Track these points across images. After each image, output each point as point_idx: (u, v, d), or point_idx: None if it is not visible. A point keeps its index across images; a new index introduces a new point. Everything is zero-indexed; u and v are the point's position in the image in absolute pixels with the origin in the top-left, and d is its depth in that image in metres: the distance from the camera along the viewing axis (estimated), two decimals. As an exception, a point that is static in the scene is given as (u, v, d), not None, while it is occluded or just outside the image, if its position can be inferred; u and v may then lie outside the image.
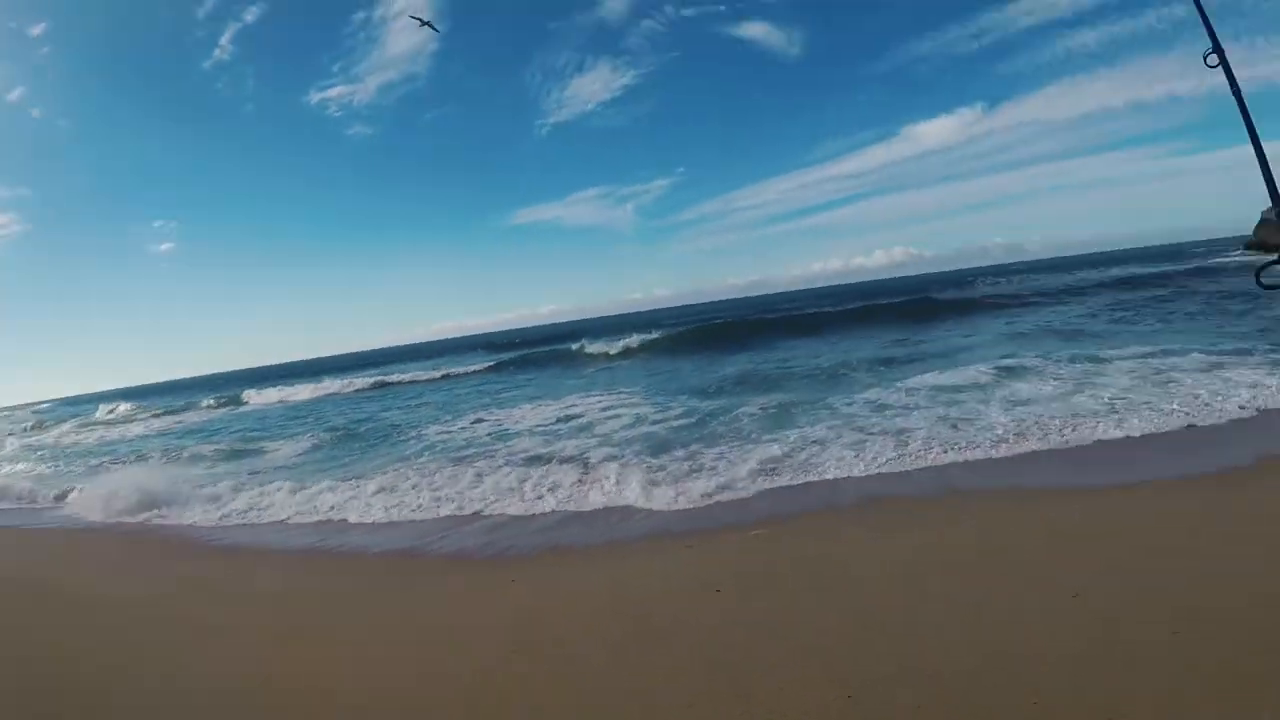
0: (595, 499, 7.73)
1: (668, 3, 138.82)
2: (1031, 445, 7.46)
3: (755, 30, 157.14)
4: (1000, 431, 7.97)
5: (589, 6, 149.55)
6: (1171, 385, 9.08)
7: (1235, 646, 2.92)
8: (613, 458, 9.29)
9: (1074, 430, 7.67)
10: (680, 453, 9.11)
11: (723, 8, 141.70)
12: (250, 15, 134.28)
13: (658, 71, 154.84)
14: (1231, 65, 2.72)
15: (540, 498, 8.05)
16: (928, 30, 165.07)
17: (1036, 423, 8.09)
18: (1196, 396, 8.29)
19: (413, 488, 9.30)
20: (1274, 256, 2.51)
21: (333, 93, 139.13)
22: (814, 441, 8.63)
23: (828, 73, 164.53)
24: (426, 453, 12.23)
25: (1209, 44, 2.74)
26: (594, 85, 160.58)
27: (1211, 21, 2.76)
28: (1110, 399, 8.75)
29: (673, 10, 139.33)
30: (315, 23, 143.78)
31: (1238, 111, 2.67)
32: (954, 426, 8.49)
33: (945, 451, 7.59)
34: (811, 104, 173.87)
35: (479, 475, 9.38)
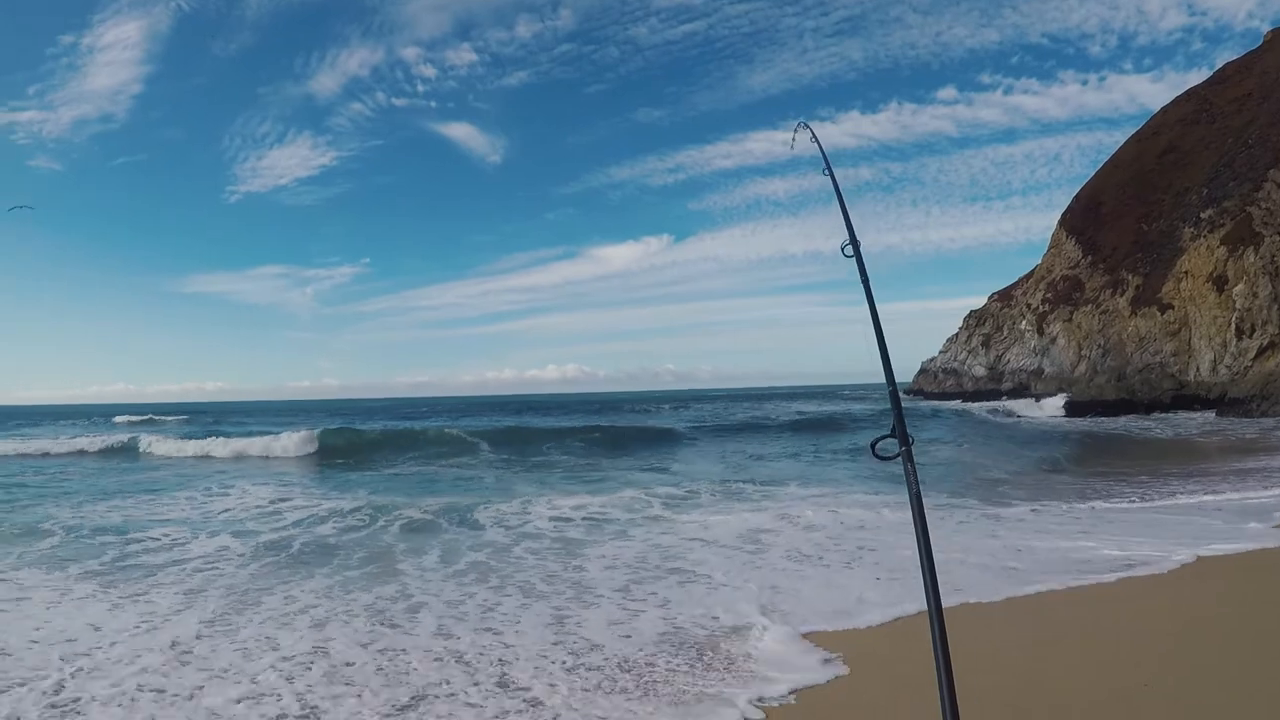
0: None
1: (381, 89, 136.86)
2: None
3: (461, 132, 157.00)
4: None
5: (301, 79, 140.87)
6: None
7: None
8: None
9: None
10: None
11: (433, 104, 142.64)
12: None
13: (359, 156, 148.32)
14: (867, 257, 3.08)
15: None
16: (626, 158, 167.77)
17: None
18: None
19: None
20: (889, 430, 2.77)
21: (23, 117, 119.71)
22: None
23: (524, 184, 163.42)
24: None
25: (847, 236, 3.09)
26: (292, 160, 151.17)
27: (852, 218, 3.14)
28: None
29: (384, 97, 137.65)
30: (15, 39, 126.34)
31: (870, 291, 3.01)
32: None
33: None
34: (504, 213, 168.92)
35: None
